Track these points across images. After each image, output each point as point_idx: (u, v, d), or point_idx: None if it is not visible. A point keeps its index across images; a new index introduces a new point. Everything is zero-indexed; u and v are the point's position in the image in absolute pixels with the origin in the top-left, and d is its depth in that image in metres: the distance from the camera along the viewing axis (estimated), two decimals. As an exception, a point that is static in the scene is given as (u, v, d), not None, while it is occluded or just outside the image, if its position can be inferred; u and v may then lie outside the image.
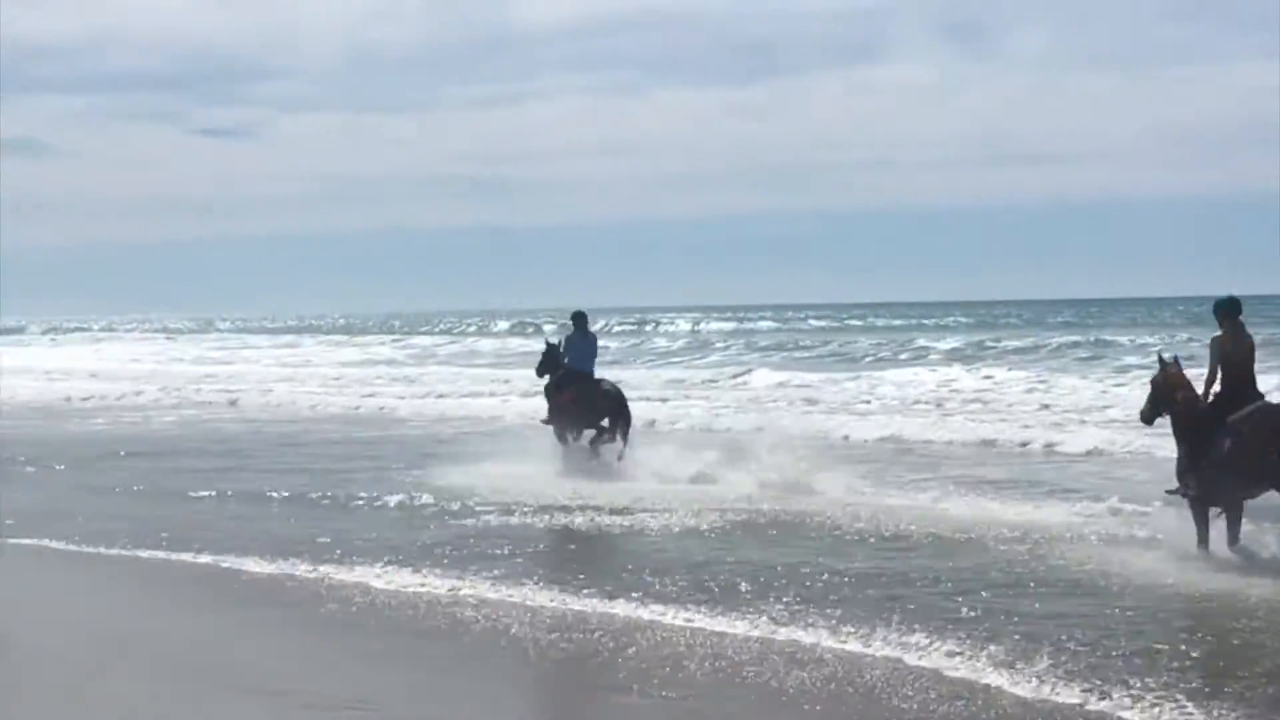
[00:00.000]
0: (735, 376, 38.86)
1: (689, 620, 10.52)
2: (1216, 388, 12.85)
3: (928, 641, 9.55)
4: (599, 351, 21.37)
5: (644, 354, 57.52)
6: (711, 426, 25.96)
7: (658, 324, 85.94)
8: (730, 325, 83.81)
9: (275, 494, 17.69)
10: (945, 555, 12.85)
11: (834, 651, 9.53)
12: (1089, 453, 20.78)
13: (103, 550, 14.25)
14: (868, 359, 49.19)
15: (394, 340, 76.78)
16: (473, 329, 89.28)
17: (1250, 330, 13.05)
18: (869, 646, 9.59)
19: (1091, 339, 53.48)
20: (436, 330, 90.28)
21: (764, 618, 10.48)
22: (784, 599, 11.03)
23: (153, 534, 14.73)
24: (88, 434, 27.81)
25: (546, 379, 20.97)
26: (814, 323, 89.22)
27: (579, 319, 21.33)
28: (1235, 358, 12.67)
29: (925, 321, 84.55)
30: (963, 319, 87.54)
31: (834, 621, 10.24)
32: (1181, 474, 12.81)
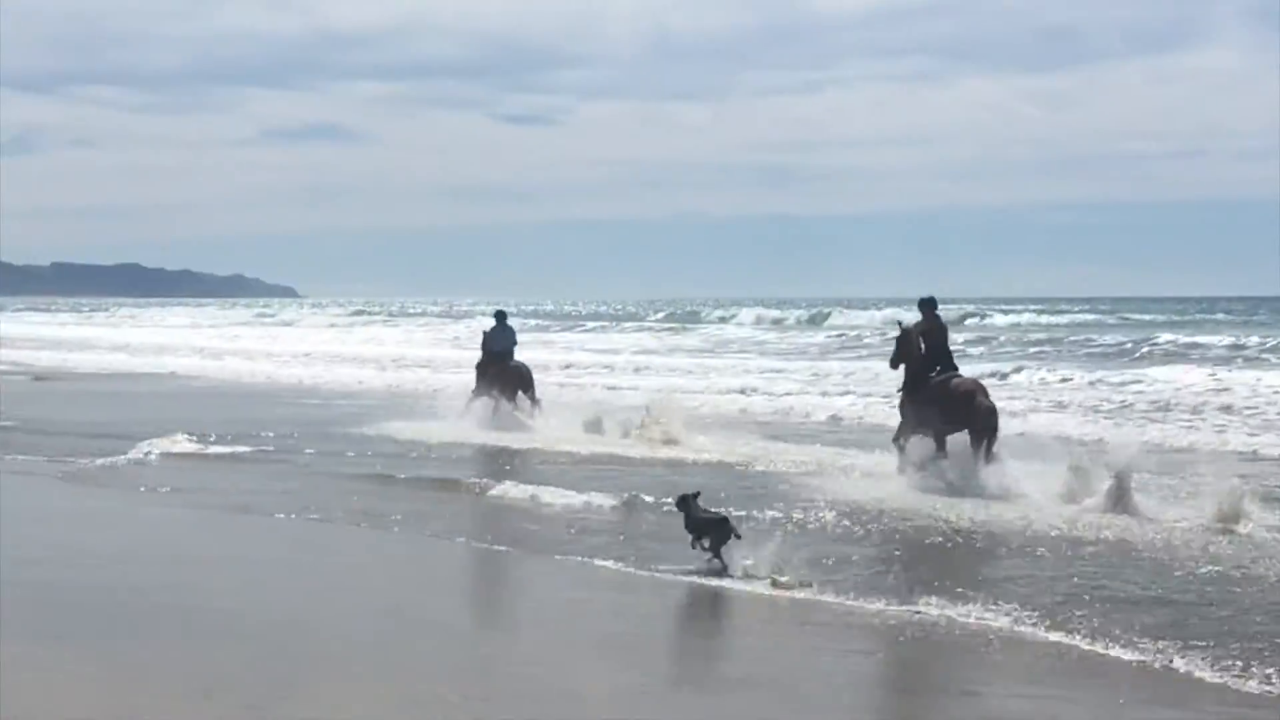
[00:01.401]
0: (998, 376, 39.18)
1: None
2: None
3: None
4: (517, 339, 28.39)
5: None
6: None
7: (982, 316, 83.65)
8: (1015, 320, 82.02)
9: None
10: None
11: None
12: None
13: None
14: (1134, 356, 48.85)
15: (710, 328, 79.82)
16: (767, 320, 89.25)
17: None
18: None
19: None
20: (731, 320, 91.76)
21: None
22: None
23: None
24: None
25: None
26: (1088, 317, 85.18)
27: (500, 315, 28.35)
28: (937, 339, 19.24)
29: (1208, 317, 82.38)
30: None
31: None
32: (902, 414, 19.13)
